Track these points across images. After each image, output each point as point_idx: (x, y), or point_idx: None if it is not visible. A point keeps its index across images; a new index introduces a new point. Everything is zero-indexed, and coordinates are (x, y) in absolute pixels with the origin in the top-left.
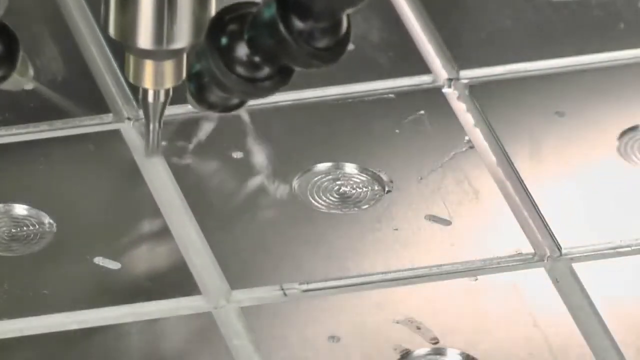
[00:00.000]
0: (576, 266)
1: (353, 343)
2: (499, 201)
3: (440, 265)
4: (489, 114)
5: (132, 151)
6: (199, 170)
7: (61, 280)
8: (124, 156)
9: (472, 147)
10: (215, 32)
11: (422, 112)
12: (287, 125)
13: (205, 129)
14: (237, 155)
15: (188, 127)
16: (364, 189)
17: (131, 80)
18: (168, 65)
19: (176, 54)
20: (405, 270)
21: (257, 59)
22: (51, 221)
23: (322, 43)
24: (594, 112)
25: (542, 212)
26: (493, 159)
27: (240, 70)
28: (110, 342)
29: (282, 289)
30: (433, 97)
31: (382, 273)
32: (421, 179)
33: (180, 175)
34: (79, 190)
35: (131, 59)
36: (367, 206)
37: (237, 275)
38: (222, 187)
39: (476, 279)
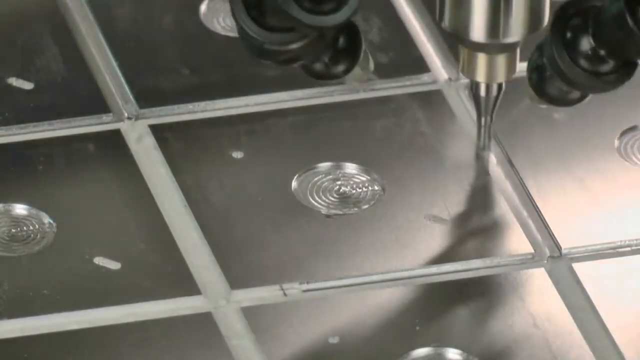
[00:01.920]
0: (576, 266)
1: (353, 343)
2: (499, 201)
3: (440, 265)
4: None
5: (131, 150)
6: (199, 170)
7: (61, 280)
8: (124, 156)
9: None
10: (560, 26)
11: (422, 111)
12: (287, 125)
13: (206, 129)
14: (237, 155)
15: (188, 127)
16: (364, 189)
17: (463, 73)
18: (501, 59)
19: (510, 47)
20: (405, 270)
21: (602, 52)
22: (51, 221)
23: None
24: (594, 112)
25: (542, 212)
26: (493, 159)
27: (585, 63)
28: (110, 342)
29: (282, 289)
30: (433, 97)
31: (382, 273)
32: (421, 179)
33: (180, 175)
34: (79, 190)
35: (465, 52)
36: (367, 206)
37: (237, 275)
38: (222, 187)
39: (476, 279)
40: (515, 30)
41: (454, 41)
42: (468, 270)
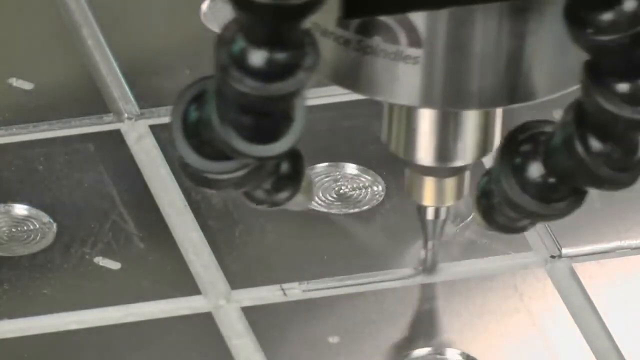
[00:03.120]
0: (576, 266)
1: (353, 343)
2: None
3: (440, 265)
4: None
5: (131, 150)
6: None
7: (61, 280)
8: (124, 156)
9: None
10: (509, 152)
11: None
12: None
13: None
14: None
15: None
16: (364, 190)
17: (410, 196)
18: (450, 183)
19: (459, 171)
20: (405, 270)
21: (552, 179)
22: (51, 221)
23: (620, 165)
24: None
25: None
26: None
27: (533, 191)
28: (110, 342)
29: (282, 289)
30: None
31: (382, 273)
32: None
33: (181, 175)
34: (79, 190)
35: (411, 175)
36: (367, 207)
37: (237, 275)
38: None
39: (477, 279)
40: (465, 153)
41: None
42: (468, 270)
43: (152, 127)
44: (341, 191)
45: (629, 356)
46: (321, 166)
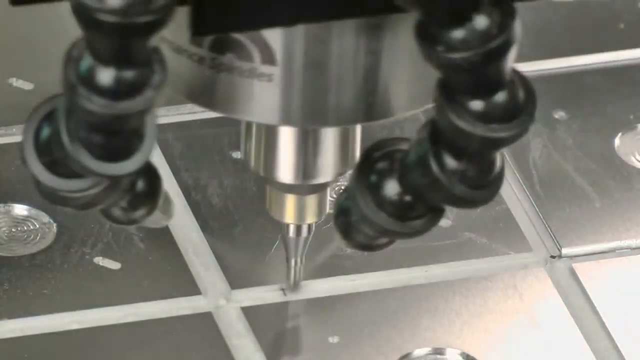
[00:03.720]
0: (576, 266)
1: (353, 343)
2: (499, 201)
3: (440, 265)
4: None
5: None
6: (199, 170)
7: (61, 280)
8: None
9: None
10: (365, 169)
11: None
12: None
13: (206, 130)
14: (237, 155)
15: (188, 127)
16: None
17: (272, 214)
18: (311, 200)
19: (320, 188)
20: (405, 270)
21: (407, 197)
22: (51, 221)
23: (475, 183)
24: (594, 112)
25: (541, 212)
26: None
27: (389, 208)
28: (110, 342)
29: (282, 289)
30: None
31: (382, 273)
32: None
33: (180, 175)
34: None
35: (272, 193)
36: None
37: (237, 275)
38: (222, 187)
39: (477, 279)
40: (325, 170)
41: None
42: (468, 270)
43: None
44: (341, 191)
45: (628, 356)
46: None
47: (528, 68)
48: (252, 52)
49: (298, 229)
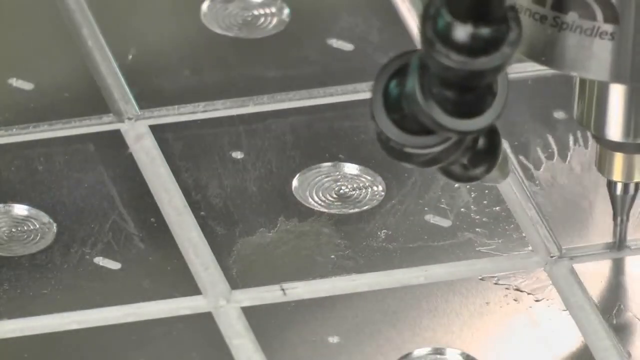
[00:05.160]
0: (576, 266)
1: (353, 343)
2: (499, 201)
3: (440, 265)
4: None
5: (131, 150)
6: (199, 170)
7: (61, 280)
8: (124, 156)
9: None
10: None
11: None
12: (287, 125)
13: (206, 129)
14: (237, 155)
15: (188, 127)
16: (364, 190)
17: (600, 171)
18: (639, 158)
19: None
20: (405, 270)
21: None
22: (51, 221)
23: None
24: None
25: (541, 212)
26: None
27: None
28: (110, 342)
29: (282, 289)
30: None
31: (382, 273)
32: (421, 179)
33: (180, 175)
34: (79, 190)
35: (601, 150)
36: (367, 207)
37: (237, 275)
38: (222, 187)
39: (477, 279)
40: None
41: None
42: (468, 271)
43: (152, 127)
44: (341, 191)
45: (628, 356)
46: (322, 166)
47: (528, 68)
48: (595, 11)
49: (625, 187)
